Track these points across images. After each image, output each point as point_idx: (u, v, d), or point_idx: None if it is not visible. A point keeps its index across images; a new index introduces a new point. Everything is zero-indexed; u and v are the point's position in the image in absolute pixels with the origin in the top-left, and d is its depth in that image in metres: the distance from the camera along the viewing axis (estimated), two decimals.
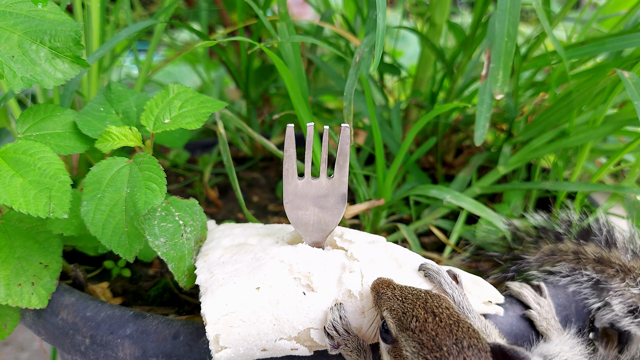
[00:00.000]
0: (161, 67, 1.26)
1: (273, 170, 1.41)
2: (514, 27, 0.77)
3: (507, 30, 0.77)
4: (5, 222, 0.76)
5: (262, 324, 0.61)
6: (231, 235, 0.76)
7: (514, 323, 0.72)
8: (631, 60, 0.92)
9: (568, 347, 0.68)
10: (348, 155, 0.69)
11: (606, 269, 0.78)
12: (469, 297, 0.68)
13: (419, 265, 0.68)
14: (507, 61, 0.76)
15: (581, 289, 0.78)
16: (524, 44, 1.24)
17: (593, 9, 1.47)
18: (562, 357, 0.66)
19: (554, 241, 0.83)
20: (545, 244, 0.83)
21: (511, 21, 0.77)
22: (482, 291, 0.71)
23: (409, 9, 1.54)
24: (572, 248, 0.81)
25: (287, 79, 0.86)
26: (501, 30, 0.77)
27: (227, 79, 1.91)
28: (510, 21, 0.77)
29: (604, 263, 0.78)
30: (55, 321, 0.73)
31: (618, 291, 0.76)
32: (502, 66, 0.76)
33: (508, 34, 0.77)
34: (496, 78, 0.76)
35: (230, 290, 0.63)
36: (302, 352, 0.61)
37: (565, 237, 0.83)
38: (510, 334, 0.71)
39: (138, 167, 0.73)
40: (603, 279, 0.77)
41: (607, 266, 0.78)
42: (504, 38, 0.77)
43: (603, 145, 1.11)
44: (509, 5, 0.77)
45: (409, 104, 1.29)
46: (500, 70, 0.76)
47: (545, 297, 0.75)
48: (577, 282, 0.78)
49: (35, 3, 0.73)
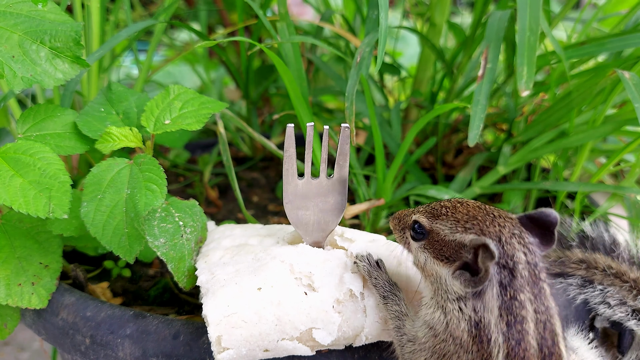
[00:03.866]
0: (161, 67, 1.26)
1: (273, 170, 1.41)
2: (535, 22, 0.77)
3: (529, 25, 0.77)
4: (6, 222, 0.76)
5: (264, 324, 0.61)
6: (231, 236, 0.76)
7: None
8: (631, 61, 0.92)
9: (584, 345, 0.69)
10: (348, 155, 0.69)
11: (615, 280, 0.78)
12: None
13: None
14: (531, 56, 0.76)
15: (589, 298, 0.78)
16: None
17: (593, 9, 1.47)
18: (580, 353, 0.67)
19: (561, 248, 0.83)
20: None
21: (532, 15, 0.77)
22: None
23: (409, 9, 1.54)
24: (579, 257, 0.81)
25: (287, 79, 0.86)
26: (523, 25, 0.76)
27: (227, 79, 1.91)
28: (531, 15, 0.77)
29: (615, 275, 0.79)
30: (55, 321, 0.73)
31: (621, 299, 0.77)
32: (526, 62, 0.76)
33: (530, 29, 0.77)
34: (521, 75, 0.76)
35: (231, 291, 0.63)
36: (304, 352, 0.62)
37: (572, 243, 0.83)
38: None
39: (138, 168, 0.73)
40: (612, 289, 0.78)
41: (617, 277, 0.78)
42: (527, 32, 0.76)
43: (603, 145, 1.11)
44: (529, 0, 0.77)
45: (409, 104, 1.29)
46: (524, 66, 0.76)
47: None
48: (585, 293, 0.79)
49: (36, 3, 0.73)
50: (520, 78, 0.76)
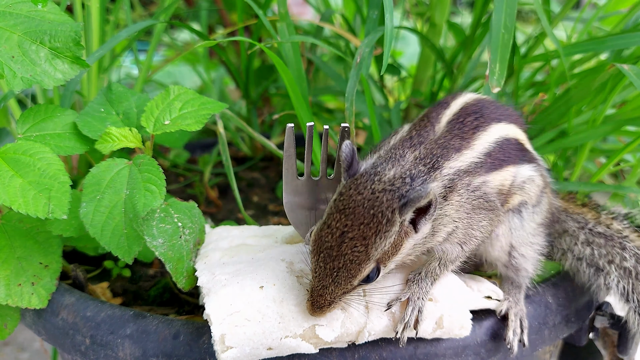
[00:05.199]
0: (161, 67, 1.26)
1: (273, 170, 1.40)
2: (511, 19, 0.77)
3: (504, 23, 0.77)
4: (5, 222, 0.76)
5: (267, 322, 0.61)
6: (229, 237, 0.76)
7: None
8: (631, 60, 0.92)
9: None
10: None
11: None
12: (469, 292, 0.69)
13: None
14: (504, 54, 0.76)
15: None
16: (524, 43, 1.24)
17: (593, 9, 1.47)
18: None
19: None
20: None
21: (508, 13, 0.77)
22: (482, 287, 0.72)
23: (409, 9, 1.54)
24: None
25: (287, 79, 0.86)
26: (498, 23, 0.76)
27: (227, 79, 1.91)
28: (507, 13, 0.77)
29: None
30: (55, 321, 0.73)
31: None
32: (499, 59, 0.76)
33: (505, 26, 0.76)
34: (493, 71, 0.76)
35: (234, 289, 0.63)
36: (307, 349, 0.62)
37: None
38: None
39: (138, 168, 0.73)
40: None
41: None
42: (501, 30, 0.76)
43: (603, 145, 1.11)
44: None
45: (409, 104, 1.29)
46: (497, 62, 0.76)
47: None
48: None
49: (35, 3, 0.73)
50: (492, 74, 0.76)
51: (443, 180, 0.61)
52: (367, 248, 0.56)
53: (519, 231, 0.70)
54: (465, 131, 0.65)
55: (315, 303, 0.58)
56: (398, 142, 0.64)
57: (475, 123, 0.66)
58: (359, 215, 0.56)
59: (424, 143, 0.63)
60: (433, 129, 0.66)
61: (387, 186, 0.57)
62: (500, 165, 0.66)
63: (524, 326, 0.70)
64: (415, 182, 0.58)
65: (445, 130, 0.65)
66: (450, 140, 0.64)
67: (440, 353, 0.66)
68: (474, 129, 0.66)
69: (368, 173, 0.59)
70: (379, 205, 0.56)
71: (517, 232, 0.70)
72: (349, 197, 0.57)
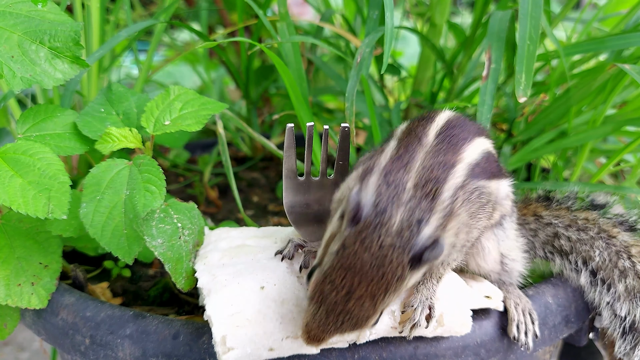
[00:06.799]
0: (161, 67, 1.26)
1: (273, 170, 1.41)
2: (535, 31, 0.78)
3: (529, 34, 0.78)
4: (5, 222, 0.76)
5: (268, 323, 0.61)
6: (228, 238, 0.76)
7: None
8: (632, 60, 0.92)
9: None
10: (348, 155, 0.69)
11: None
12: (469, 292, 0.69)
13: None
14: (529, 64, 0.78)
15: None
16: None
17: (593, 9, 1.47)
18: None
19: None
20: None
21: (533, 25, 0.78)
22: (482, 286, 0.72)
23: (409, 9, 1.54)
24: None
25: (287, 79, 0.86)
26: (523, 35, 0.78)
27: (227, 79, 1.91)
28: (531, 24, 0.78)
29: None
30: (55, 321, 0.73)
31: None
32: (524, 69, 0.78)
33: (530, 37, 0.78)
34: (519, 81, 0.77)
35: (234, 290, 0.63)
36: (309, 350, 0.62)
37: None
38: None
39: (137, 169, 0.73)
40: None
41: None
42: (526, 42, 0.78)
43: (603, 145, 1.11)
44: (530, 9, 0.78)
45: (409, 104, 1.29)
46: (522, 73, 0.77)
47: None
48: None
49: (35, 3, 0.73)
50: (519, 84, 0.77)
51: (445, 210, 0.58)
52: (375, 305, 0.54)
53: (505, 241, 0.74)
54: (454, 143, 0.65)
55: (312, 338, 0.56)
56: (389, 163, 0.61)
57: (463, 135, 0.66)
58: (367, 274, 0.53)
59: (417, 162, 0.61)
60: (420, 144, 0.64)
61: (395, 240, 0.54)
62: (489, 178, 0.66)
63: (534, 318, 0.71)
64: (422, 227, 0.55)
65: (434, 144, 0.64)
66: (444, 156, 0.63)
67: (440, 353, 0.66)
68: (463, 140, 0.65)
69: (372, 223, 0.55)
70: (389, 264, 0.53)
71: (504, 242, 0.74)
72: (355, 253, 0.54)
